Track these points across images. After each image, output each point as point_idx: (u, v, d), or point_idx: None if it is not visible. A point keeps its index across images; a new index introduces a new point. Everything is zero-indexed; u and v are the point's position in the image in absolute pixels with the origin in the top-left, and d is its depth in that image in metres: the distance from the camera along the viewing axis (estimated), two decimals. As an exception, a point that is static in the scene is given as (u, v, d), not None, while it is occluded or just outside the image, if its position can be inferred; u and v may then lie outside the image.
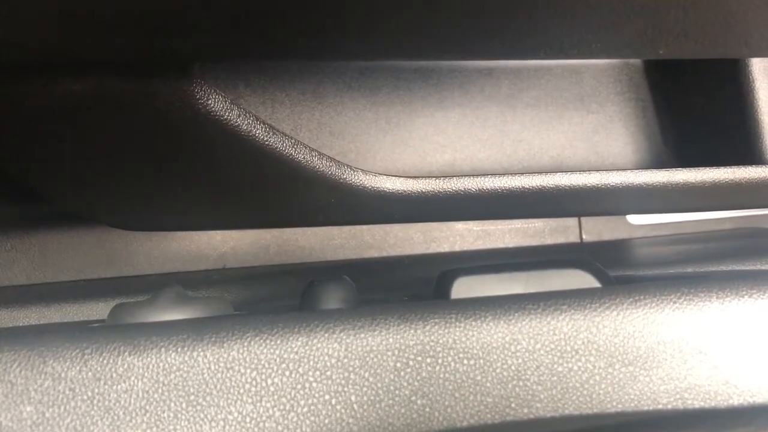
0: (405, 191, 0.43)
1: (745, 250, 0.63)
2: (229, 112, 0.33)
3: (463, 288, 0.31)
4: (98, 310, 0.43)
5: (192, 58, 0.31)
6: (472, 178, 0.44)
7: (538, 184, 0.45)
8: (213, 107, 0.33)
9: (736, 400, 0.25)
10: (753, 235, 0.71)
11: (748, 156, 0.51)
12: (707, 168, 0.47)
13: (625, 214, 0.62)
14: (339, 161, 0.40)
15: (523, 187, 0.45)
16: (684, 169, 0.47)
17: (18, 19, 0.23)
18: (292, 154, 0.37)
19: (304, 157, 0.37)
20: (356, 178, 0.41)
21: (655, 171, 0.47)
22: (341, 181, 0.40)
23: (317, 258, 0.52)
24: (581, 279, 0.32)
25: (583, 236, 0.63)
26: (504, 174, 0.44)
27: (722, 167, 0.47)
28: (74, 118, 0.32)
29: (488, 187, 0.44)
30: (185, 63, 0.31)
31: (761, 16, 0.31)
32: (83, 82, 0.30)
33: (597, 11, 0.28)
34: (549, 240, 0.61)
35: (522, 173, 0.45)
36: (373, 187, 0.41)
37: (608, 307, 0.27)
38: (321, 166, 0.39)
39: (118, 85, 0.31)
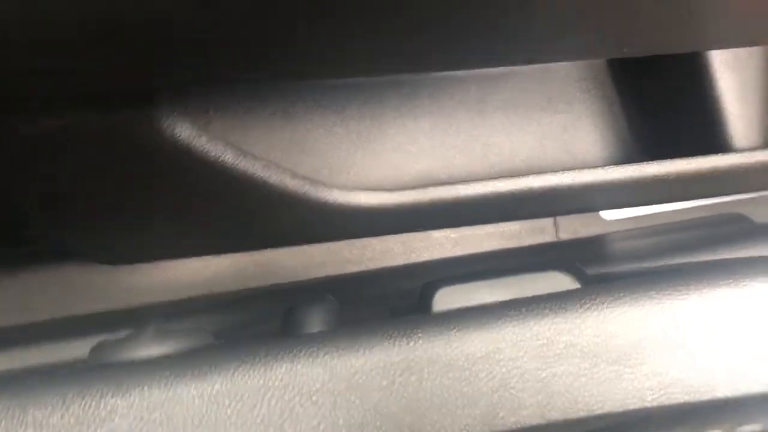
0: (380, 205, 0.43)
1: (721, 238, 0.64)
2: (198, 139, 0.33)
3: (445, 299, 0.32)
4: (81, 348, 0.42)
5: (172, 85, 0.30)
6: (446, 187, 0.44)
7: (512, 188, 0.45)
8: (181, 135, 0.32)
9: (720, 392, 0.25)
10: (728, 221, 0.72)
11: (715, 144, 0.52)
12: (675, 160, 0.48)
13: (600, 210, 0.63)
14: (312, 179, 0.40)
15: (497, 192, 0.45)
16: (653, 163, 0.48)
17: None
18: (264, 176, 0.37)
19: (276, 179, 0.37)
20: (331, 195, 0.41)
21: (625, 166, 0.47)
22: (316, 199, 0.40)
23: (299, 277, 0.52)
24: (560, 281, 0.32)
25: (560, 235, 0.63)
26: (478, 181, 0.45)
27: (690, 158, 0.48)
28: (50, 154, 0.32)
29: (463, 194, 0.45)
30: (153, 92, 0.31)
31: (719, 10, 0.32)
32: (57, 117, 0.30)
33: (561, 16, 0.29)
34: (527, 241, 0.61)
35: (495, 178, 0.45)
36: (348, 203, 0.41)
37: (588, 308, 0.27)
38: (294, 186, 0.39)
39: (92, 118, 0.30)
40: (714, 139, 0.51)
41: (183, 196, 0.36)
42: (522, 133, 0.53)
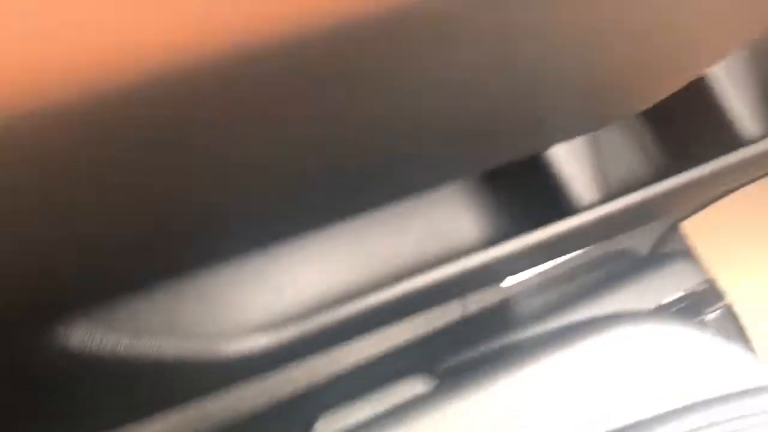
0: (281, 340, 0.47)
1: (612, 276, 0.71)
2: (92, 343, 0.38)
3: (326, 426, 0.36)
4: None
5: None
6: (338, 307, 0.49)
7: (400, 292, 0.50)
8: (75, 343, 0.37)
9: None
10: (621, 256, 0.78)
11: (564, 207, 0.58)
12: (528, 233, 0.54)
13: (489, 285, 0.68)
14: (209, 335, 0.45)
15: (390, 298, 0.50)
16: (512, 240, 0.54)
17: None
18: (159, 351, 0.41)
19: (172, 350, 0.42)
20: (231, 345, 0.45)
21: (492, 248, 0.53)
22: (217, 357, 0.44)
23: (230, 416, 0.55)
24: (418, 385, 0.37)
25: (468, 307, 0.68)
26: (373, 291, 0.49)
27: (538, 229, 0.54)
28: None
29: (357, 309, 0.49)
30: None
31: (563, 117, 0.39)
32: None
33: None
34: (436, 323, 0.66)
35: (386, 284, 0.50)
36: (245, 350, 0.45)
37: (425, 414, 0.32)
38: (193, 352, 0.43)
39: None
40: (559, 205, 0.58)
41: (82, 389, 0.40)
42: (403, 232, 0.59)
